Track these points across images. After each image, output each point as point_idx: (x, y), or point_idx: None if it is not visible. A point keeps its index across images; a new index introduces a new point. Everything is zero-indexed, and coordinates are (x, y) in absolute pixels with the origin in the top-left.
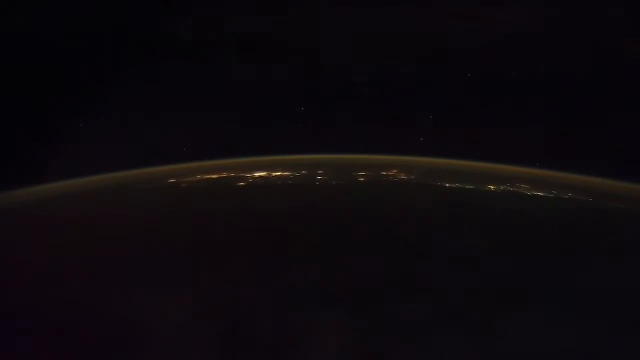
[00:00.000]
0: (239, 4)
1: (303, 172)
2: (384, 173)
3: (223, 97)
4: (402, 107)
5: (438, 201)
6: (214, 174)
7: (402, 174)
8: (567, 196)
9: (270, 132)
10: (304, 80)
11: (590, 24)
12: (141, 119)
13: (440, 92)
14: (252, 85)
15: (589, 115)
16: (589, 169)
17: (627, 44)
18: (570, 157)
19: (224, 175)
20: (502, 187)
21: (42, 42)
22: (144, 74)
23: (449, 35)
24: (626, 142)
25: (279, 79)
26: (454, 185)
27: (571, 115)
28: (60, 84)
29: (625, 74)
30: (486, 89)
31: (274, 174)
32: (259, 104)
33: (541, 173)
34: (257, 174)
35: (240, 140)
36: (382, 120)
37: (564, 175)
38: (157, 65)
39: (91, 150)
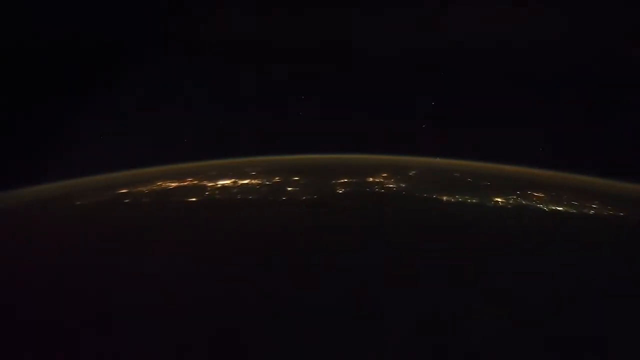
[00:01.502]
0: (231, 7)
1: (276, 179)
2: (371, 180)
3: (220, 97)
4: (400, 107)
5: (433, 229)
6: (175, 181)
7: (392, 181)
8: (591, 211)
9: (266, 131)
10: (299, 81)
11: (591, 25)
12: (138, 119)
13: (439, 92)
14: (244, 86)
15: (591, 115)
16: (591, 169)
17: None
18: (574, 157)
19: (185, 183)
20: (511, 201)
21: (42, 44)
22: (141, 75)
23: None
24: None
25: (272, 79)
26: (453, 199)
27: (574, 115)
28: (59, 85)
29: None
30: (486, 90)
31: (241, 182)
32: (252, 104)
33: (551, 176)
34: (220, 183)
35: (234, 139)
36: (376, 119)
37: (577, 178)
38: (153, 66)
39: (90, 150)
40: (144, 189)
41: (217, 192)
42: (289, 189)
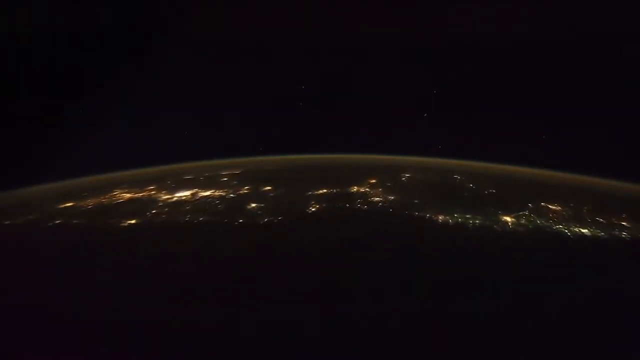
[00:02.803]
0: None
1: (245, 189)
2: (355, 189)
3: (219, 97)
4: (395, 105)
5: (422, 278)
6: (133, 191)
7: (379, 191)
8: (623, 234)
9: (261, 130)
10: (296, 79)
11: (590, 24)
12: (137, 119)
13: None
14: (240, 84)
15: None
16: (591, 169)
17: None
18: (575, 157)
19: (140, 195)
20: (523, 220)
21: (41, 44)
22: (140, 75)
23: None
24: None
25: (268, 79)
26: (451, 219)
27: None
28: (61, 85)
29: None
30: (486, 90)
31: (202, 193)
32: (248, 103)
33: (557, 177)
34: (177, 195)
35: (228, 138)
36: (374, 116)
37: (583, 179)
38: (149, 64)
39: (91, 150)
40: (92, 201)
41: (166, 209)
42: (253, 205)
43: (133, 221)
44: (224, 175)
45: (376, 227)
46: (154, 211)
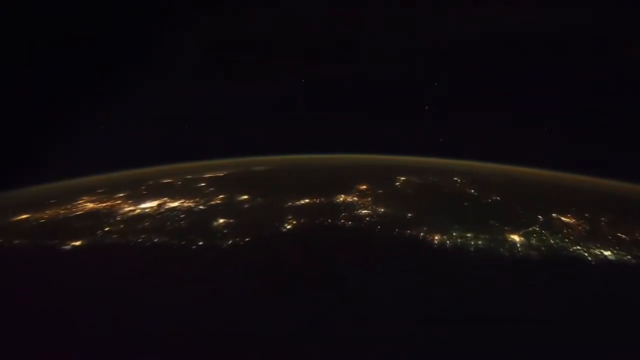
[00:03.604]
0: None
1: (219, 198)
2: (342, 199)
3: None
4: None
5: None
6: (101, 199)
7: (369, 201)
8: None
9: (256, 130)
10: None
11: (591, 24)
12: (138, 120)
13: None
14: (237, 84)
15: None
16: (590, 169)
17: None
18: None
19: (104, 204)
20: (534, 238)
21: (41, 45)
22: (143, 76)
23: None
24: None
25: (269, 78)
26: (449, 240)
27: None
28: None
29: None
30: (486, 90)
31: (169, 204)
32: (245, 102)
33: (561, 179)
34: (141, 207)
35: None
36: (373, 115)
37: (587, 180)
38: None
39: (91, 150)
40: (49, 213)
41: (122, 226)
42: (220, 221)
43: (77, 243)
44: (205, 179)
45: (357, 254)
46: (107, 228)
